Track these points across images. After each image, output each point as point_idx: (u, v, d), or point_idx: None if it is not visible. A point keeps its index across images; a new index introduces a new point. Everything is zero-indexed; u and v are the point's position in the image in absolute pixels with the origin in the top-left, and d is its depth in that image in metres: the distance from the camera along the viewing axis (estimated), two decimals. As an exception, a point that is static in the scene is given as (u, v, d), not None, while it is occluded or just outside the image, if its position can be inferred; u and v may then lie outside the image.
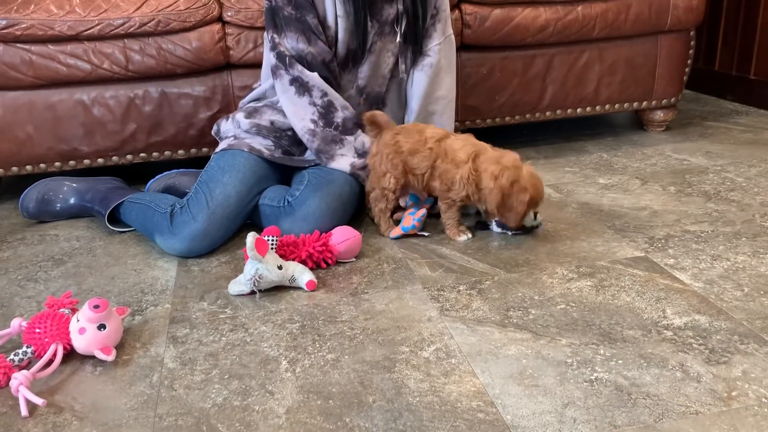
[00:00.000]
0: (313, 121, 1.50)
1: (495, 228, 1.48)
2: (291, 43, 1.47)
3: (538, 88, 2.00)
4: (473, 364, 1.01)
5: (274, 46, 1.50)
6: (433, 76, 1.60)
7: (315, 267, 1.34)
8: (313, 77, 1.49)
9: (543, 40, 1.94)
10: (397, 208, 1.55)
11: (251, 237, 1.20)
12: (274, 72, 1.51)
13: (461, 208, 1.47)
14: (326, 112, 1.50)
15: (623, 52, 2.03)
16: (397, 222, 1.50)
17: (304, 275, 1.26)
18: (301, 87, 1.49)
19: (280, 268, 1.24)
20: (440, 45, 1.60)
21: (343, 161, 1.52)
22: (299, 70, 1.48)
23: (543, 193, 1.41)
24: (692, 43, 2.13)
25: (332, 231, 1.38)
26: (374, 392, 0.96)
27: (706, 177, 1.76)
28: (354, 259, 1.38)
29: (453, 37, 1.64)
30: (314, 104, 1.49)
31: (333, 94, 1.51)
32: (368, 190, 1.52)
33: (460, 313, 1.16)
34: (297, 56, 1.48)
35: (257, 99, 1.65)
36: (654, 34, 2.05)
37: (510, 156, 1.39)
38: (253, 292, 1.25)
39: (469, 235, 1.46)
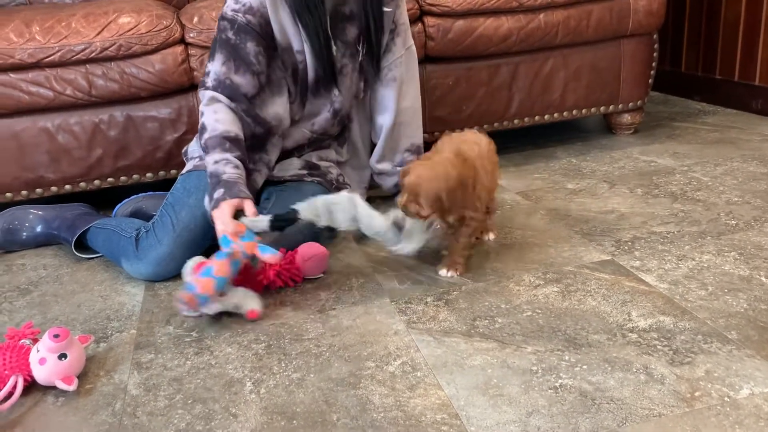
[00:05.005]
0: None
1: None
2: (215, 66, 1.42)
3: (504, 96, 2.01)
4: (439, 376, 1.01)
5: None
6: (398, 89, 1.61)
7: (284, 285, 1.33)
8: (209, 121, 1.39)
9: (507, 49, 1.95)
10: None
11: (191, 262, 1.19)
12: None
13: None
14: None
15: (587, 58, 2.05)
16: None
17: (247, 304, 1.22)
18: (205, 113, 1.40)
19: (221, 295, 1.21)
20: (402, 58, 1.60)
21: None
22: (209, 99, 1.41)
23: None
24: (656, 46, 2.15)
25: (298, 248, 1.37)
26: (339, 410, 0.95)
27: (673, 178, 1.78)
28: (322, 275, 1.38)
29: (414, 48, 1.64)
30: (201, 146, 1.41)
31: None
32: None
33: (427, 325, 1.15)
34: (217, 81, 1.41)
35: None
36: (617, 38, 2.07)
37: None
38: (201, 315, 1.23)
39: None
